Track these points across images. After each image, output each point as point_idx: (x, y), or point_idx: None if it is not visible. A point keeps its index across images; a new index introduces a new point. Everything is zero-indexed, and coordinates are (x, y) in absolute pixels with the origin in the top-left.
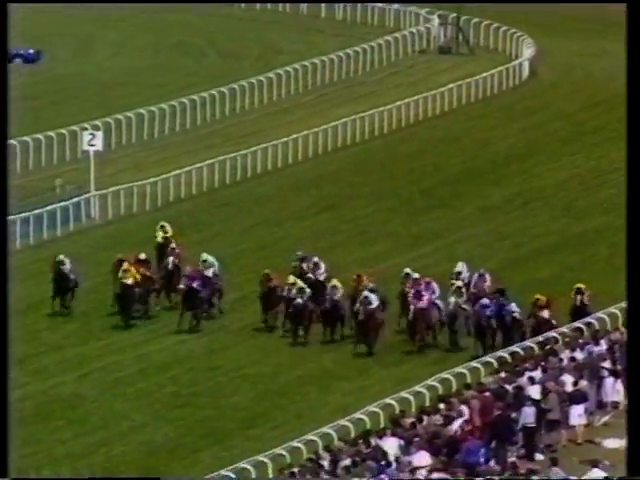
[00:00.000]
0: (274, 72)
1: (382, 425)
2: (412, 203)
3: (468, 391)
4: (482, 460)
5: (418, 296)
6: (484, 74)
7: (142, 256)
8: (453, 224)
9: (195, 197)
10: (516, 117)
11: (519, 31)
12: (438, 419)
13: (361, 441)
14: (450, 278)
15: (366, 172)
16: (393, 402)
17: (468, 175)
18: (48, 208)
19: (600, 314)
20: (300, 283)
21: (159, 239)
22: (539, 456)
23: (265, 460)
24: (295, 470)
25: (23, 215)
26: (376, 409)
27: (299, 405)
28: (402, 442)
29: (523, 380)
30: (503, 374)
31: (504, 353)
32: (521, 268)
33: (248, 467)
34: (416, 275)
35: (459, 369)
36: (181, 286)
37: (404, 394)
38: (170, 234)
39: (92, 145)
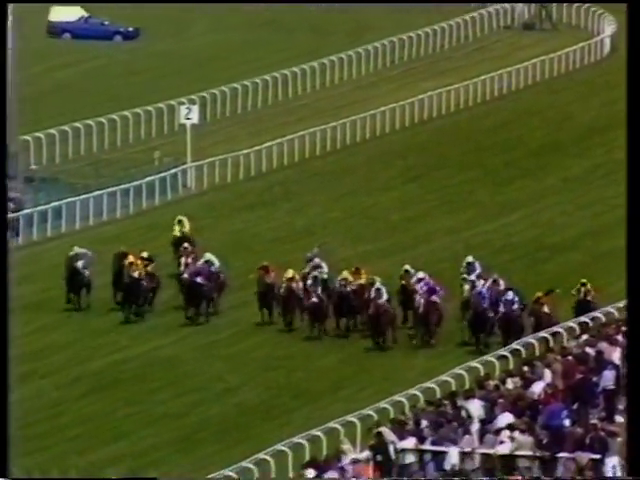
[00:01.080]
0: (363, 48)
1: (467, 387)
2: (497, 173)
3: (551, 355)
4: (564, 422)
5: (432, 291)
6: (566, 50)
7: (144, 254)
8: (536, 194)
9: (286, 168)
10: (597, 91)
11: (601, 8)
12: (521, 382)
13: (447, 402)
14: (460, 273)
15: (452, 144)
16: (478, 365)
17: (551, 147)
18: (147, 179)
19: None
20: (297, 276)
21: (176, 233)
22: (619, 418)
23: (354, 420)
24: (381, 430)
25: (123, 186)
26: (461, 371)
27: (385, 368)
28: (486, 404)
29: (604, 345)
30: (585, 337)
31: (586, 319)
32: (601, 237)
33: (338, 427)
34: (421, 274)
35: (543, 333)
36: (185, 276)
37: (489, 357)
38: (187, 229)
39: (189, 118)
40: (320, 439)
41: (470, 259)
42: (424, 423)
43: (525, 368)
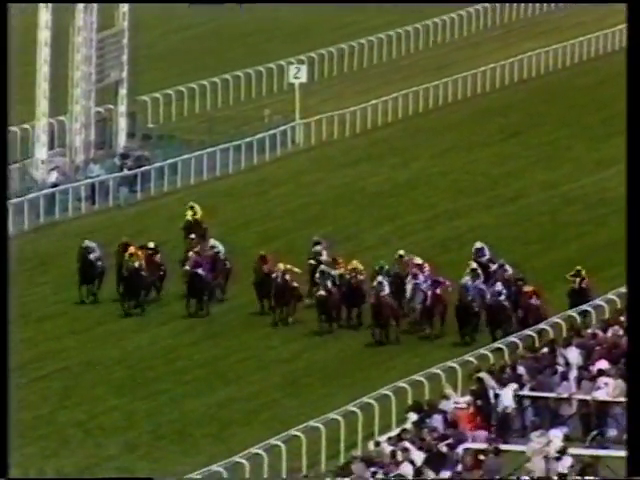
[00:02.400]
0: (465, 10)
1: (564, 335)
2: (593, 131)
3: None
4: None
5: (436, 284)
6: None
7: (151, 244)
8: None
9: (391, 124)
10: None
11: None
12: (618, 330)
13: (546, 349)
14: (471, 258)
15: (549, 102)
16: (575, 314)
17: None
18: (257, 136)
19: None
20: (293, 268)
21: (188, 218)
22: None
23: (455, 366)
24: (482, 375)
25: (235, 143)
26: (559, 320)
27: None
28: (584, 351)
29: None
30: None
31: None
32: None
33: (439, 372)
34: (418, 259)
35: None
36: (187, 268)
37: (585, 307)
38: (199, 215)
39: (297, 78)
40: (422, 384)
41: (479, 245)
42: (522, 370)
43: (621, 318)
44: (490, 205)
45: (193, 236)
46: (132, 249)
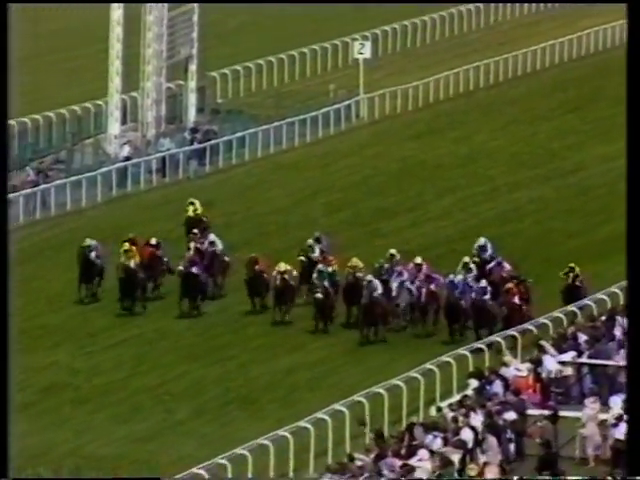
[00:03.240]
0: None
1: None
2: None
3: None
4: None
5: (430, 280)
6: None
7: (153, 241)
8: None
9: (452, 99)
10: None
11: None
12: None
13: (604, 318)
14: (472, 254)
15: (607, 78)
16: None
17: None
18: (323, 110)
19: None
20: (287, 267)
21: (189, 213)
22: None
23: (515, 334)
24: (542, 343)
25: (301, 117)
26: (617, 290)
27: (544, 286)
28: None
29: None
30: None
31: None
32: None
33: (500, 340)
34: (418, 259)
35: None
36: (180, 268)
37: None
38: (200, 211)
39: (361, 53)
40: (483, 351)
41: (482, 241)
42: (582, 338)
43: None
44: (549, 177)
45: (196, 231)
46: (127, 245)
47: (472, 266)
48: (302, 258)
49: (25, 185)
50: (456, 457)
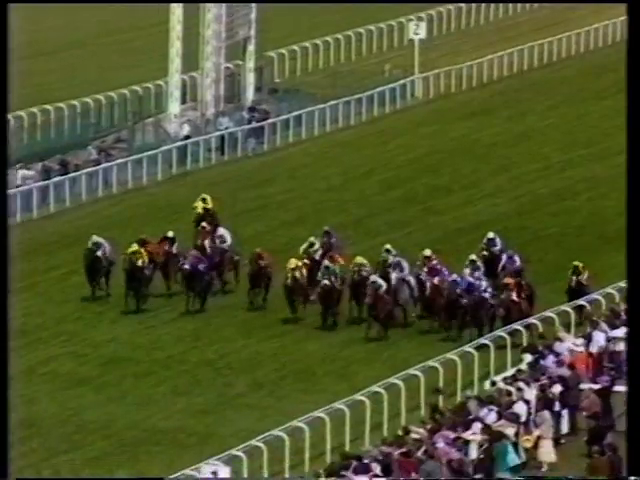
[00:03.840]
0: None
1: None
2: None
3: None
4: None
5: (434, 273)
6: None
7: (170, 234)
8: None
9: (506, 78)
10: None
11: None
12: None
13: None
14: (481, 248)
15: None
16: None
17: None
18: (378, 89)
19: None
20: (298, 263)
21: (199, 210)
22: None
23: (568, 309)
24: (596, 319)
25: (357, 96)
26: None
27: (600, 262)
28: None
29: None
30: None
31: None
32: None
33: (553, 315)
34: (428, 251)
35: None
36: (186, 266)
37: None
38: (210, 206)
39: (417, 34)
40: (537, 327)
41: (491, 235)
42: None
43: None
44: (602, 157)
45: (204, 224)
46: (135, 247)
47: (479, 263)
48: (306, 261)
49: (87, 164)
50: (511, 431)
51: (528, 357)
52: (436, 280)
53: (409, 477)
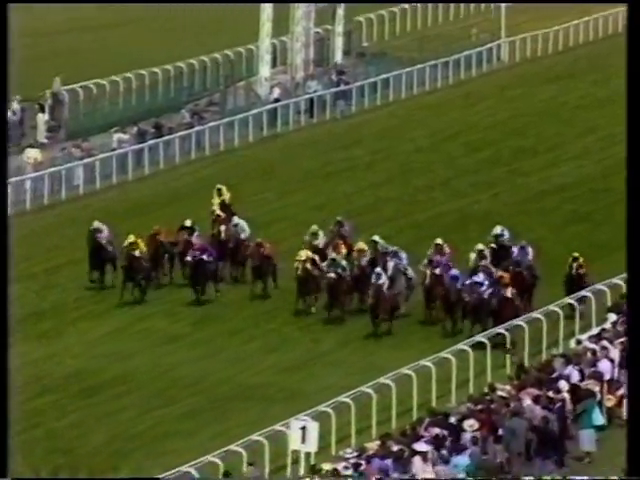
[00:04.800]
0: None
1: None
2: None
3: None
4: None
5: (432, 264)
6: None
7: (187, 223)
8: None
9: (592, 43)
10: None
11: None
12: None
13: None
14: (488, 242)
15: None
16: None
17: None
18: (465, 53)
19: None
20: (309, 254)
21: (215, 207)
22: None
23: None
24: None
25: (443, 59)
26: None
27: None
28: None
29: None
30: None
31: None
32: None
33: (621, 283)
34: (439, 240)
35: None
36: (188, 258)
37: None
38: (227, 197)
39: None
40: (620, 287)
41: (499, 229)
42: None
43: None
44: None
45: (219, 212)
46: (132, 238)
47: (486, 252)
48: (309, 254)
49: (181, 127)
50: (596, 389)
51: (612, 317)
52: (437, 271)
53: (494, 434)
